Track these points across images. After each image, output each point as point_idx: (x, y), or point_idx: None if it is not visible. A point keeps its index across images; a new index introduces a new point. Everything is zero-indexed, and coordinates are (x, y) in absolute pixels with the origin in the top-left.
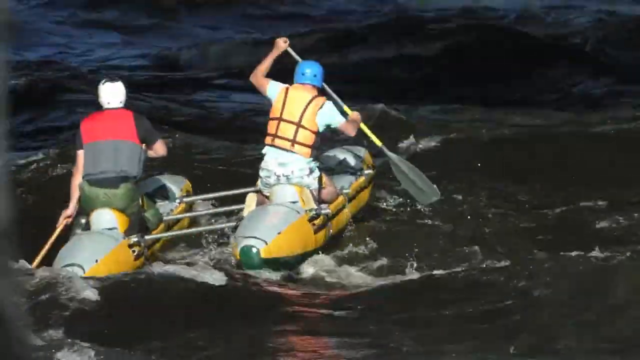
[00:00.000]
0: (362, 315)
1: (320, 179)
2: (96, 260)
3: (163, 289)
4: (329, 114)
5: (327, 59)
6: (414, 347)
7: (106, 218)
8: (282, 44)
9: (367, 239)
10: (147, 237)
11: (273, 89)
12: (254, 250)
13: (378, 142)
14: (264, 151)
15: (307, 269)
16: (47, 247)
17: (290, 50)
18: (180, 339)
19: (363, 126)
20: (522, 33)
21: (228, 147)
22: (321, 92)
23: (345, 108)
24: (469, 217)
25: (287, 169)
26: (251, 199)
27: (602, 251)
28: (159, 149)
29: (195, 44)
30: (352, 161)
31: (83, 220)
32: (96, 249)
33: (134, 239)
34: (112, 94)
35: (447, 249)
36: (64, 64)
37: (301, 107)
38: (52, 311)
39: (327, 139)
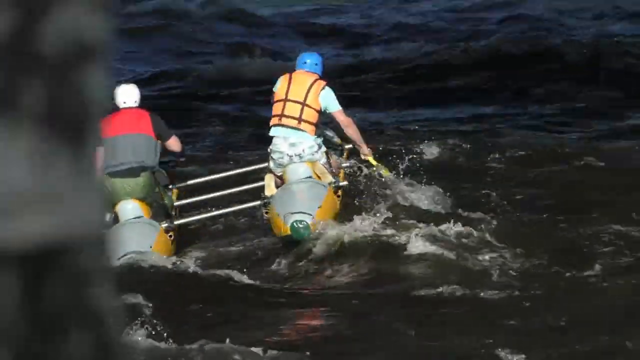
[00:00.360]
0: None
1: (327, 153)
2: (150, 247)
3: (199, 271)
4: (328, 97)
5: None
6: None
7: (131, 208)
8: None
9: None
10: (175, 222)
11: (276, 84)
12: (304, 224)
13: (387, 173)
14: (271, 133)
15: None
16: None
17: None
18: (220, 316)
19: (374, 161)
20: (533, 43)
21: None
22: (322, 78)
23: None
24: (472, 213)
25: (297, 149)
26: (269, 179)
27: (608, 258)
28: (174, 144)
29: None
30: (329, 133)
31: (109, 215)
32: (145, 237)
33: (164, 224)
34: (127, 94)
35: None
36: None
37: (305, 87)
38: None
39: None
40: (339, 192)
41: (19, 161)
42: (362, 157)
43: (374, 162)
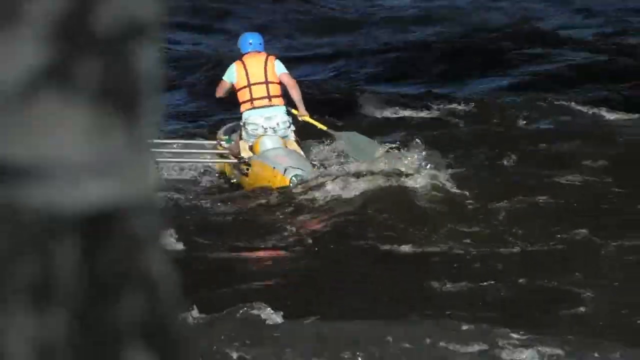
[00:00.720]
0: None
1: (294, 132)
2: None
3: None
4: (280, 65)
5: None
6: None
7: None
8: None
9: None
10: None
11: (230, 74)
12: (303, 178)
13: (324, 127)
14: (245, 116)
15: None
16: None
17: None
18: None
19: (311, 120)
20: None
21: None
22: (269, 54)
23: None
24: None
25: (272, 122)
26: (244, 144)
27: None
28: None
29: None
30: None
31: None
32: None
33: None
34: None
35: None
36: None
37: (261, 67)
38: None
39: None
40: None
41: (76, 132)
42: (300, 117)
43: (311, 120)
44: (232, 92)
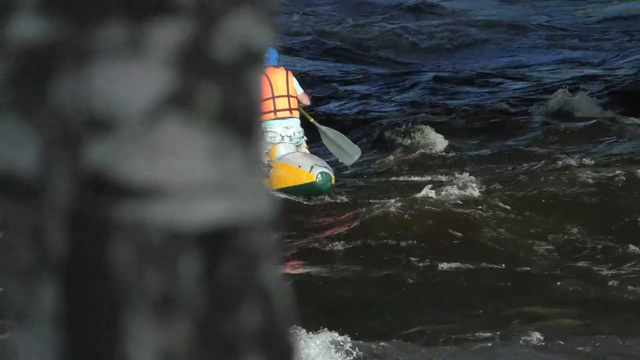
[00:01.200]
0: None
1: (306, 142)
2: None
3: None
4: (297, 83)
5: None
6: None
7: None
8: None
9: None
10: None
11: None
12: (330, 176)
13: (311, 119)
14: (264, 125)
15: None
16: None
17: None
18: None
19: (314, 120)
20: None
21: None
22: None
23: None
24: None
25: (289, 131)
26: None
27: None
28: None
29: None
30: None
31: None
32: None
33: None
34: None
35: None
36: None
37: (283, 81)
38: None
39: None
40: None
41: (198, 154)
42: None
43: (315, 123)
44: None
